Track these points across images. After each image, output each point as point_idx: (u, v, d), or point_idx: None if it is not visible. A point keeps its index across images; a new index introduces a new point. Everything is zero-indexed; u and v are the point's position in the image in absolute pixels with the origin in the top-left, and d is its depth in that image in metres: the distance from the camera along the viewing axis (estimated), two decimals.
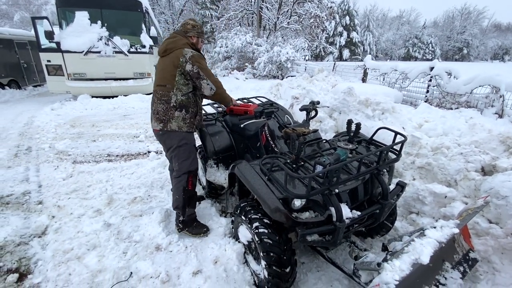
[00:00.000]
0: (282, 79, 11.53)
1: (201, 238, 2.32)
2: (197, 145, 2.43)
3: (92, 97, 8.02)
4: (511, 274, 1.76)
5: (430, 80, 6.14)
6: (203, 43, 2.35)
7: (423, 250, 1.31)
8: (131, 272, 1.97)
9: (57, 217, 2.65)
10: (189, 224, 2.36)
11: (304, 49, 14.97)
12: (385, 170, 1.93)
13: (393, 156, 1.88)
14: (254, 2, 17.80)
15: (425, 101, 5.94)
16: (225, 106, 2.42)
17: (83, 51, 7.65)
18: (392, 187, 1.97)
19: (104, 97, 8.01)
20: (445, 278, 1.58)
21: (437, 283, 1.55)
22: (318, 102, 2.47)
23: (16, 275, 1.97)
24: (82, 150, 4.40)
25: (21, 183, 3.35)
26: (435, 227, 1.52)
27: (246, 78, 13.36)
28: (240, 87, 10.37)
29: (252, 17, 19.19)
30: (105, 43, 7.80)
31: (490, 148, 2.65)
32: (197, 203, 2.81)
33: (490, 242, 1.89)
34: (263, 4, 17.62)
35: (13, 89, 10.10)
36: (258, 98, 3.45)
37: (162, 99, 2.12)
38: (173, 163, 2.31)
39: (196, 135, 2.47)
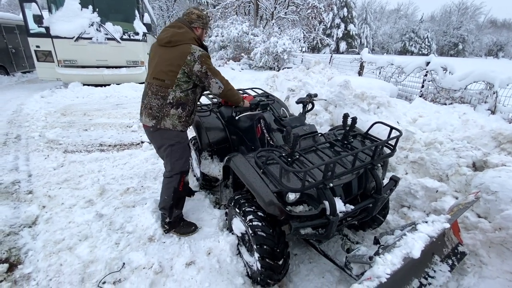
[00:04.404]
0: (278, 70, 11.42)
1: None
2: (190, 136, 2.38)
3: (84, 85, 7.81)
4: (498, 267, 1.81)
5: (426, 75, 6.16)
6: (206, 34, 2.35)
7: (414, 245, 1.33)
8: (124, 263, 1.96)
9: (48, 207, 2.61)
10: (176, 225, 2.29)
11: (300, 40, 14.78)
12: (379, 165, 1.94)
13: (388, 151, 1.88)
14: None
15: (420, 96, 5.97)
16: (235, 106, 2.33)
17: (74, 37, 7.38)
18: (385, 181, 1.99)
19: (96, 85, 7.81)
20: (434, 271, 1.62)
21: (426, 276, 1.59)
22: (316, 95, 2.45)
23: (6, 265, 1.94)
24: (74, 139, 4.31)
25: (10, 172, 3.28)
26: (426, 222, 1.54)
27: (242, 69, 13.17)
28: (235, 77, 10.22)
29: (249, 6, 18.76)
30: (97, 29, 7.53)
31: (482, 144, 2.68)
32: (192, 196, 2.78)
33: (479, 236, 1.93)
34: None
35: (1, 75, 9.78)
36: (254, 89, 3.41)
37: (158, 94, 1.99)
38: (164, 162, 2.22)
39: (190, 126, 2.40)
